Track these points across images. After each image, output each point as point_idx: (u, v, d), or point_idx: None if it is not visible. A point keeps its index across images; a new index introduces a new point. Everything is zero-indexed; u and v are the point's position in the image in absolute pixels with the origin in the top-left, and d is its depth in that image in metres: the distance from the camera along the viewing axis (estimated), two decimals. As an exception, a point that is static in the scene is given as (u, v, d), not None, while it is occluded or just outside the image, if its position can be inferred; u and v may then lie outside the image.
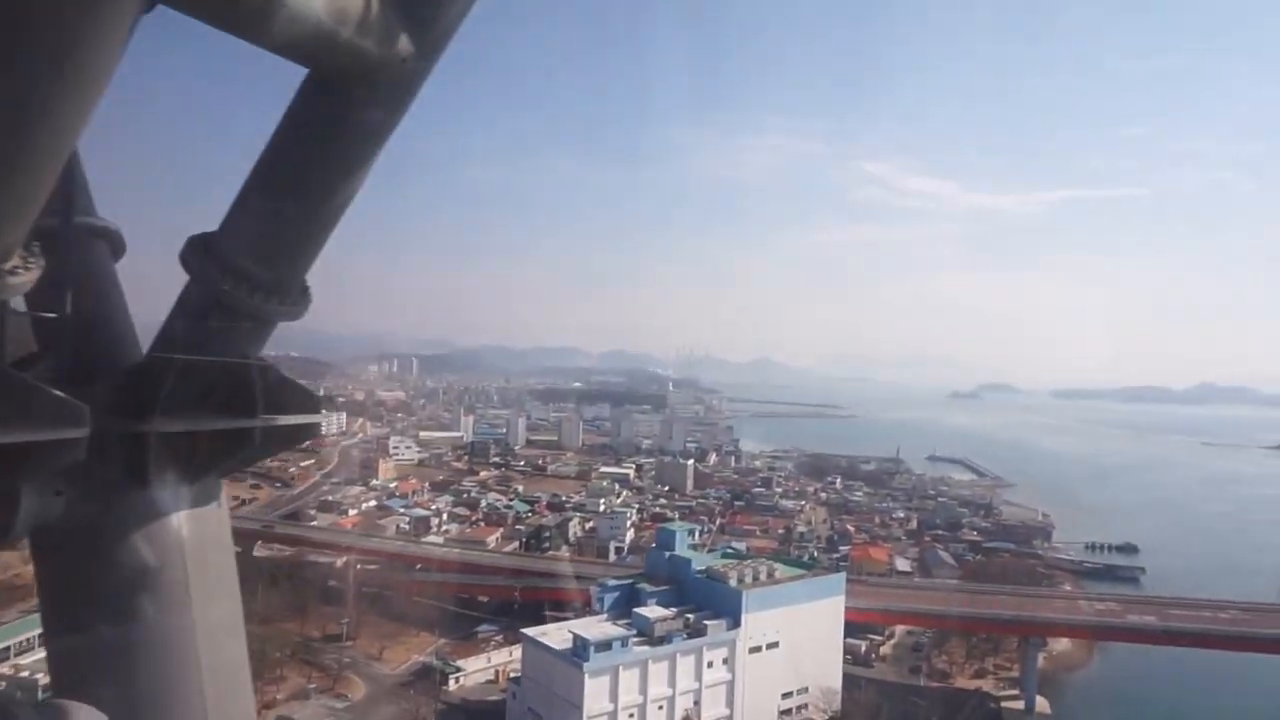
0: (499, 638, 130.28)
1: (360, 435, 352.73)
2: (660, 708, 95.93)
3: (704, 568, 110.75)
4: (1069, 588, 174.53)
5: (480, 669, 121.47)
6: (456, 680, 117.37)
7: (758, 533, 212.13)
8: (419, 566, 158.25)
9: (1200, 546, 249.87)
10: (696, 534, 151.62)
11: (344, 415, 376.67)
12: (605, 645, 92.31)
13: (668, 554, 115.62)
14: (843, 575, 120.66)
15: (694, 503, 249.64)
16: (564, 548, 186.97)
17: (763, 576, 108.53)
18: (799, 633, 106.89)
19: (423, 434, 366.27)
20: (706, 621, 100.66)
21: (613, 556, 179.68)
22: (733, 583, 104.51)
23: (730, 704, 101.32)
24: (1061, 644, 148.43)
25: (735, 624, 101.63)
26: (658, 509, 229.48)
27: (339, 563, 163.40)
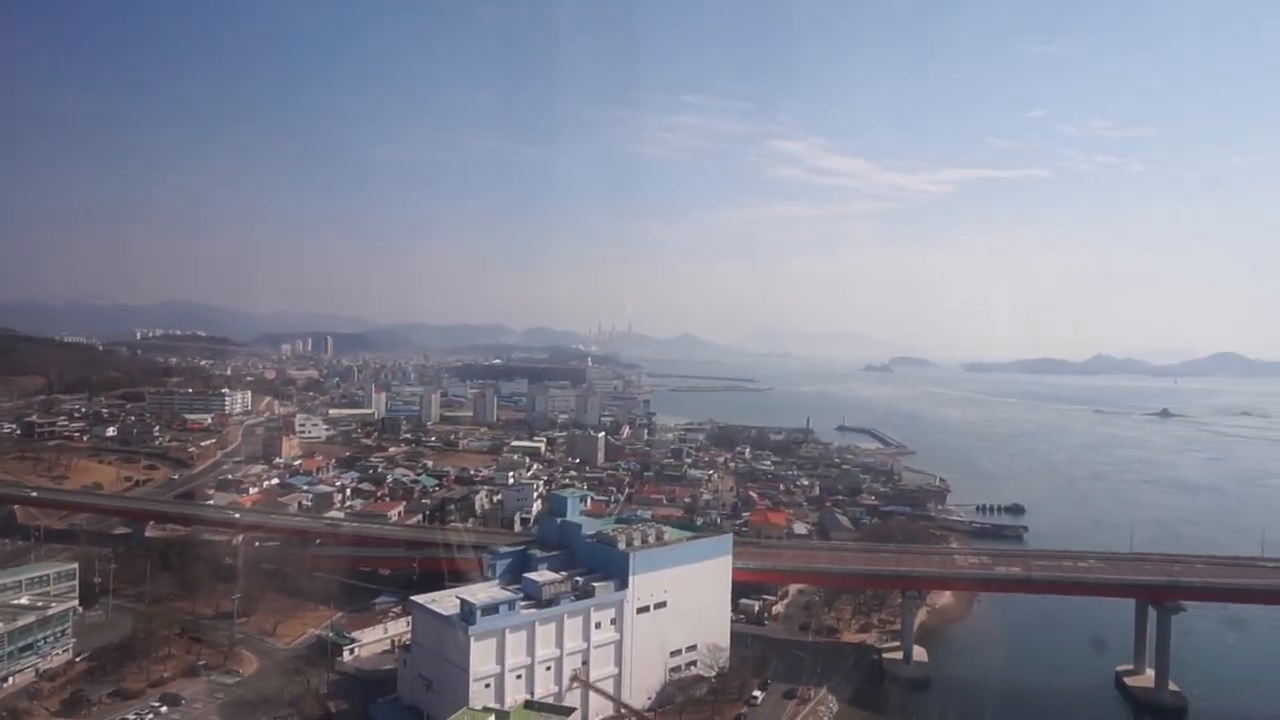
0: (397, 609, 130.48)
1: (266, 414, 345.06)
2: (548, 668, 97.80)
3: (594, 532, 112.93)
4: (956, 546, 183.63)
5: (376, 640, 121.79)
6: (351, 651, 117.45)
7: (664, 501, 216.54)
8: (318, 542, 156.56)
9: (1079, 505, 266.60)
10: (588, 502, 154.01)
11: (249, 394, 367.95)
12: (491, 609, 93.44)
13: (559, 520, 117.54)
14: (730, 536, 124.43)
15: (604, 474, 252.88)
16: (470, 520, 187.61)
17: (651, 539, 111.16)
18: (687, 592, 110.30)
19: (332, 411, 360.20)
20: (595, 584, 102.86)
21: (518, 527, 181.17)
22: (621, 546, 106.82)
23: (619, 662, 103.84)
24: (945, 598, 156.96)
25: (623, 585, 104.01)
26: (567, 481, 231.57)
27: (235, 541, 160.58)
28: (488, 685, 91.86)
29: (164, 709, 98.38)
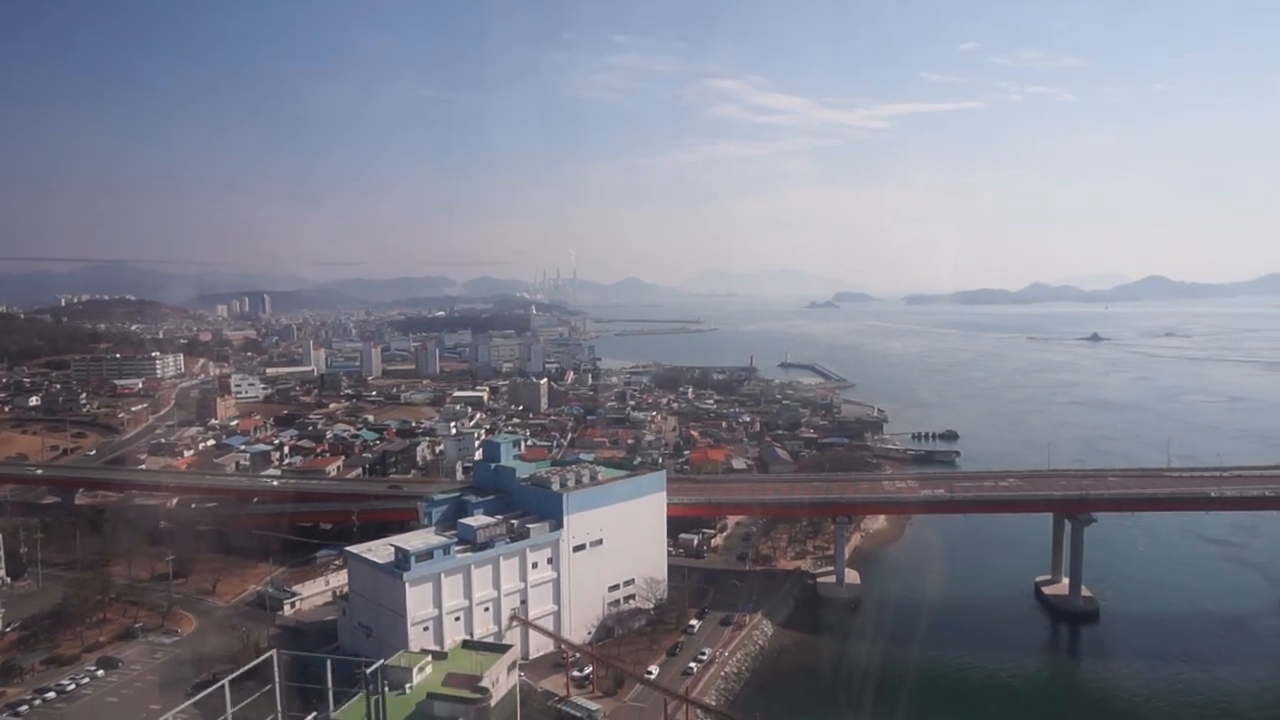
0: (338, 561, 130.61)
1: (201, 376, 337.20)
2: (486, 609, 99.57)
3: (528, 475, 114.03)
4: (890, 472, 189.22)
5: (318, 592, 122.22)
6: (293, 605, 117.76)
7: (607, 444, 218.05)
8: (255, 500, 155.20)
9: (1010, 428, 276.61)
10: (522, 446, 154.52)
11: (181, 357, 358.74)
12: (426, 555, 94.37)
13: (494, 465, 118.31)
14: (663, 473, 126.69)
15: (547, 420, 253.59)
16: (411, 471, 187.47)
17: (585, 479, 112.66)
18: (623, 528, 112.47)
19: (270, 371, 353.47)
20: (530, 525, 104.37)
21: (460, 476, 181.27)
22: (555, 487, 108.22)
23: (557, 600, 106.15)
24: (878, 522, 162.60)
25: (558, 525, 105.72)
26: (510, 429, 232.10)
27: (170, 504, 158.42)
28: (426, 628, 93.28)
29: (100, 673, 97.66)
